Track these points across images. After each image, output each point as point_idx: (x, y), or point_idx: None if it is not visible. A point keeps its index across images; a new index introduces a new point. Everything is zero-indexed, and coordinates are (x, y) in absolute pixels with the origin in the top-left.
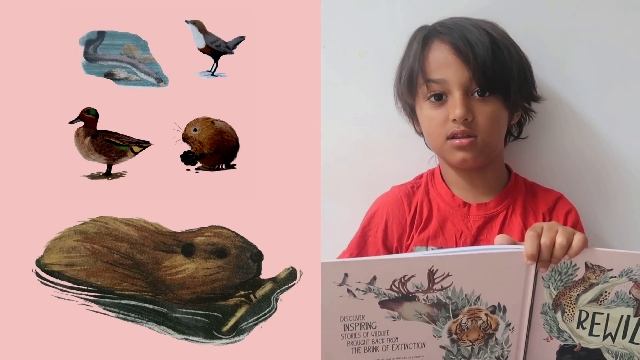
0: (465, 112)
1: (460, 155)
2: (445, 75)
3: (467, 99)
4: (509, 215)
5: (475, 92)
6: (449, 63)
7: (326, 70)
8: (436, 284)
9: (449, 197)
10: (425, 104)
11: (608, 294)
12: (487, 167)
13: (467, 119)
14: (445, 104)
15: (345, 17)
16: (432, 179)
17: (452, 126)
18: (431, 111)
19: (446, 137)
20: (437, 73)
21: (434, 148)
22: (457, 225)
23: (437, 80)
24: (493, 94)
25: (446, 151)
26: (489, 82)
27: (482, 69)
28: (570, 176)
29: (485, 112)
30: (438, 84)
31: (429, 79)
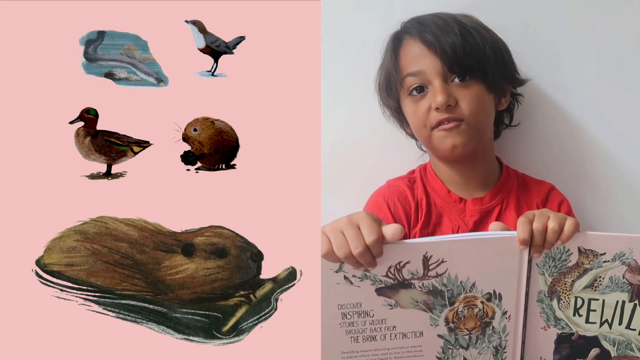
0: (446, 98)
1: (450, 142)
2: (421, 66)
3: (447, 85)
4: (503, 209)
5: (455, 77)
6: (422, 55)
7: (325, 66)
8: (431, 271)
9: (444, 193)
10: (408, 100)
11: (602, 279)
12: (477, 159)
13: (450, 104)
14: (427, 95)
15: (345, 11)
16: (425, 175)
17: (436, 115)
18: (414, 105)
19: (431, 127)
20: (413, 66)
21: (423, 141)
22: (454, 220)
23: (414, 72)
24: (473, 78)
25: (435, 141)
26: (462, 66)
27: (453, 54)
28: (560, 166)
29: (468, 95)
30: (416, 77)
31: (407, 73)
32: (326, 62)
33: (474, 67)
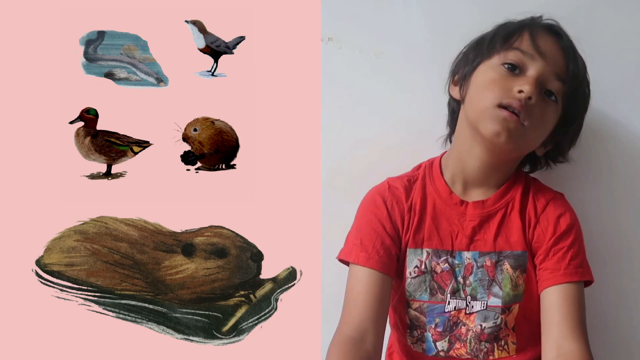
0: (534, 92)
1: (499, 127)
2: (535, 58)
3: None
4: (508, 214)
5: (546, 91)
6: (551, 48)
7: (343, 73)
8: None
9: (446, 194)
10: (495, 68)
11: None
12: (502, 163)
13: (531, 98)
14: (516, 77)
15: (364, 18)
16: (430, 172)
17: (512, 96)
18: (499, 75)
19: (498, 104)
20: (529, 49)
21: (478, 113)
22: (453, 224)
23: (525, 51)
24: (558, 104)
25: (488, 117)
26: (568, 91)
27: (568, 79)
28: (575, 175)
29: (543, 109)
30: (524, 55)
31: (518, 47)
32: (344, 68)
33: (574, 106)
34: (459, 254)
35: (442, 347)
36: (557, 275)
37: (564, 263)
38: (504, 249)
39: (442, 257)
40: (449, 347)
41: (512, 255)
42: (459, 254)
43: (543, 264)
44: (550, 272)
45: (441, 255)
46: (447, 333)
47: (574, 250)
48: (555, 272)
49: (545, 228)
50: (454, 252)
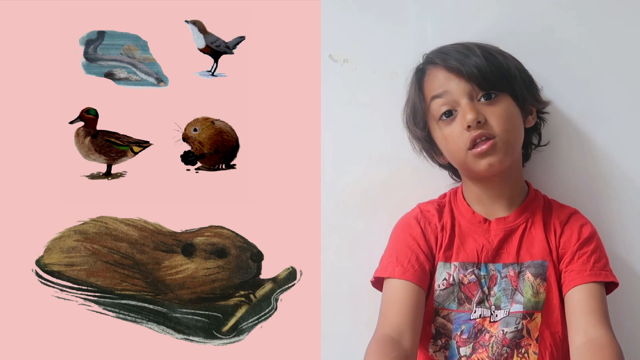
0: (476, 114)
1: (486, 162)
2: (446, 88)
3: (475, 104)
4: (528, 228)
5: (481, 97)
6: (448, 79)
7: (358, 93)
8: None
9: (469, 215)
10: (438, 126)
11: None
12: (507, 176)
13: (480, 121)
14: (456, 117)
15: (378, 40)
16: (454, 198)
17: (469, 134)
18: (446, 128)
19: (467, 148)
20: (438, 90)
21: (459, 164)
22: (478, 240)
23: (440, 94)
24: (500, 95)
25: (470, 162)
26: (489, 82)
27: (479, 73)
28: (588, 192)
29: (496, 112)
30: (442, 98)
31: (433, 95)
32: (359, 89)
33: (500, 82)
34: (485, 266)
35: (464, 353)
36: (582, 275)
37: (589, 265)
38: (525, 259)
39: (469, 269)
40: (472, 352)
41: (533, 265)
42: (485, 265)
43: (569, 267)
44: (577, 274)
45: (468, 267)
46: (471, 340)
47: (597, 254)
48: (581, 273)
49: (569, 236)
50: (479, 264)
